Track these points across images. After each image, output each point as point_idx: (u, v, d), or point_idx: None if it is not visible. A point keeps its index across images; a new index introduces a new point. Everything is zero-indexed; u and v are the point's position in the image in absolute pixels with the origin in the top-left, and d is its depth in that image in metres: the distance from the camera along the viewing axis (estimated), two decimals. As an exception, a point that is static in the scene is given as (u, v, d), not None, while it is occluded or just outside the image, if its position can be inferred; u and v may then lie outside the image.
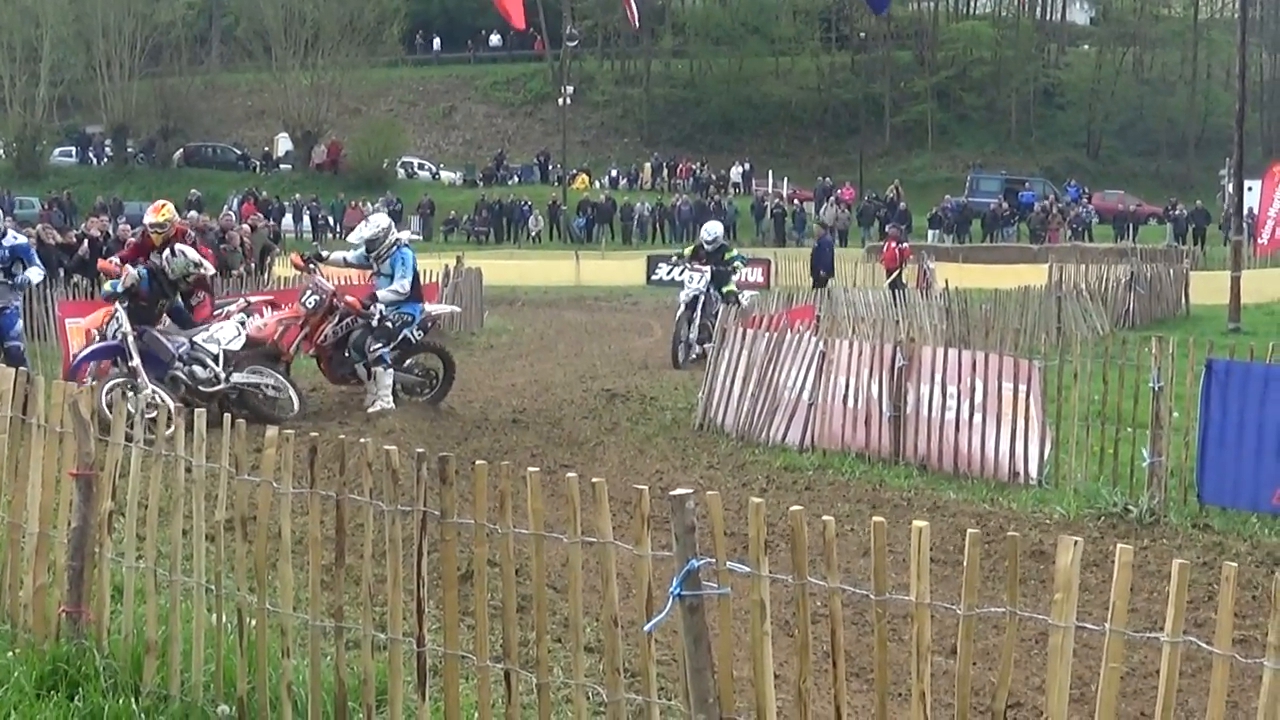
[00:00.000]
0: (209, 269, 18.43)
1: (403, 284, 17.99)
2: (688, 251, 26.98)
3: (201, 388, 16.67)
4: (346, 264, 19.29)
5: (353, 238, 19.03)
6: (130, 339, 16.36)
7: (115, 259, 17.84)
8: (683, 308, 25.23)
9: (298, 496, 6.58)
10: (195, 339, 16.97)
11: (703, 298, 24.81)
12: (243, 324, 17.45)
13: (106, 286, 17.44)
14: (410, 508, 5.99)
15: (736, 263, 26.39)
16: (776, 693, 5.13)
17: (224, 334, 17.19)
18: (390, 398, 17.74)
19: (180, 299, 17.65)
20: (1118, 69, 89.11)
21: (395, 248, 18.29)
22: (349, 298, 18.14)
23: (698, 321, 24.61)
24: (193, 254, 17.82)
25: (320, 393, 19.14)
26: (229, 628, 6.83)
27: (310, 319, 17.79)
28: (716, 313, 23.87)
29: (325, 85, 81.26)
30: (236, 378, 17.01)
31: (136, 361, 16.28)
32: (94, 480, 7.27)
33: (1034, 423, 14.20)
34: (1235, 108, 34.85)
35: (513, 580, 5.82)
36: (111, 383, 15.72)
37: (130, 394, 14.08)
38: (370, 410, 17.51)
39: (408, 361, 18.35)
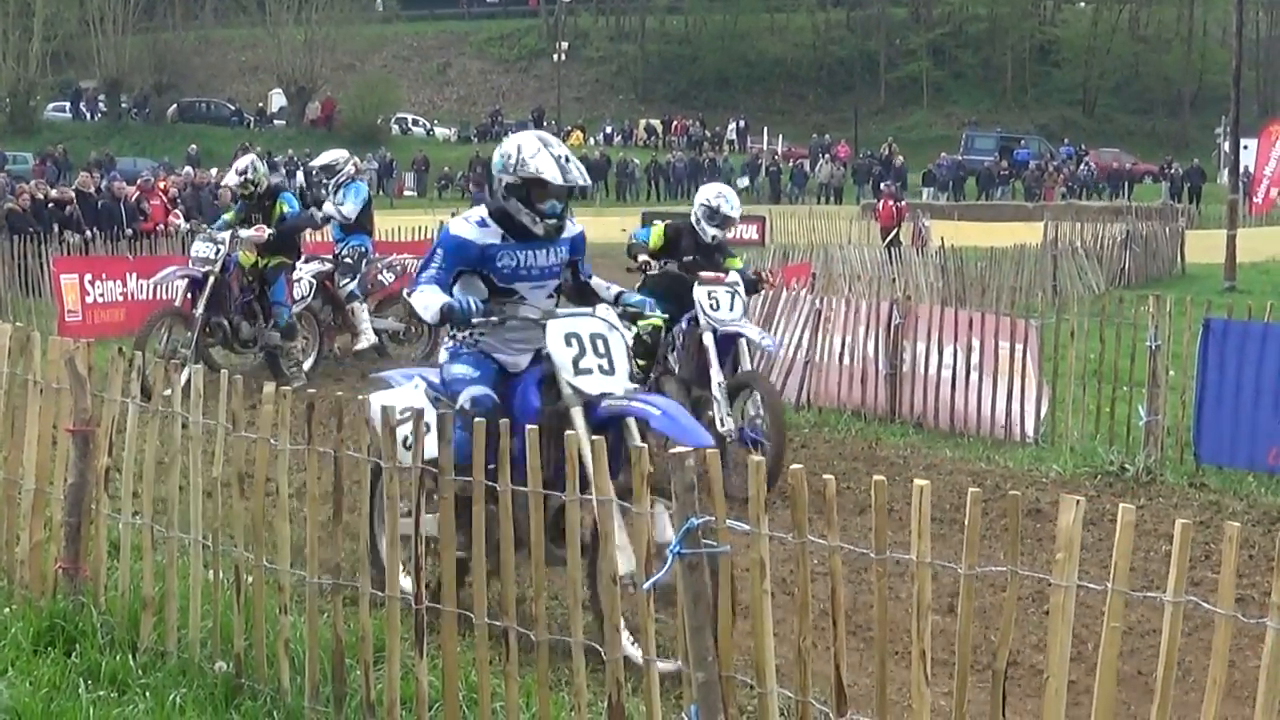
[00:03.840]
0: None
1: (347, 207, 17.91)
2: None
3: (236, 344, 16.47)
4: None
5: (314, 162, 18.78)
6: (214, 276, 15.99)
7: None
8: None
9: (295, 453, 6.56)
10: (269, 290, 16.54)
11: None
12: (314, 280, 17.27)
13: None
14: (408, 465, 5.97)
15: None
16: (776, 651, 5.12)
17: (300, 291, 17.02)
18: (372, 333, 17.63)
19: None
20: (1114, 26, 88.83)
21: (351, 179, 18.22)
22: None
23: None
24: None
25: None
26: (226, 584, 6.81)
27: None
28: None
29: (319, 41, 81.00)
30: (273, 335, 16.55)
31: (200, 309, 15.89)
32: (91, 436, 7.25)
33: (1030, 381, 14.18)
34: (1232, 65, 34.73)
35: (511, 538, 5.80)
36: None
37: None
38: (357, 349, 17.44)
39: (387, 311, 18.22)
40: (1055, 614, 4.52)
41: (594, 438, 5.51)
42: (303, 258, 17.54)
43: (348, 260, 17.73)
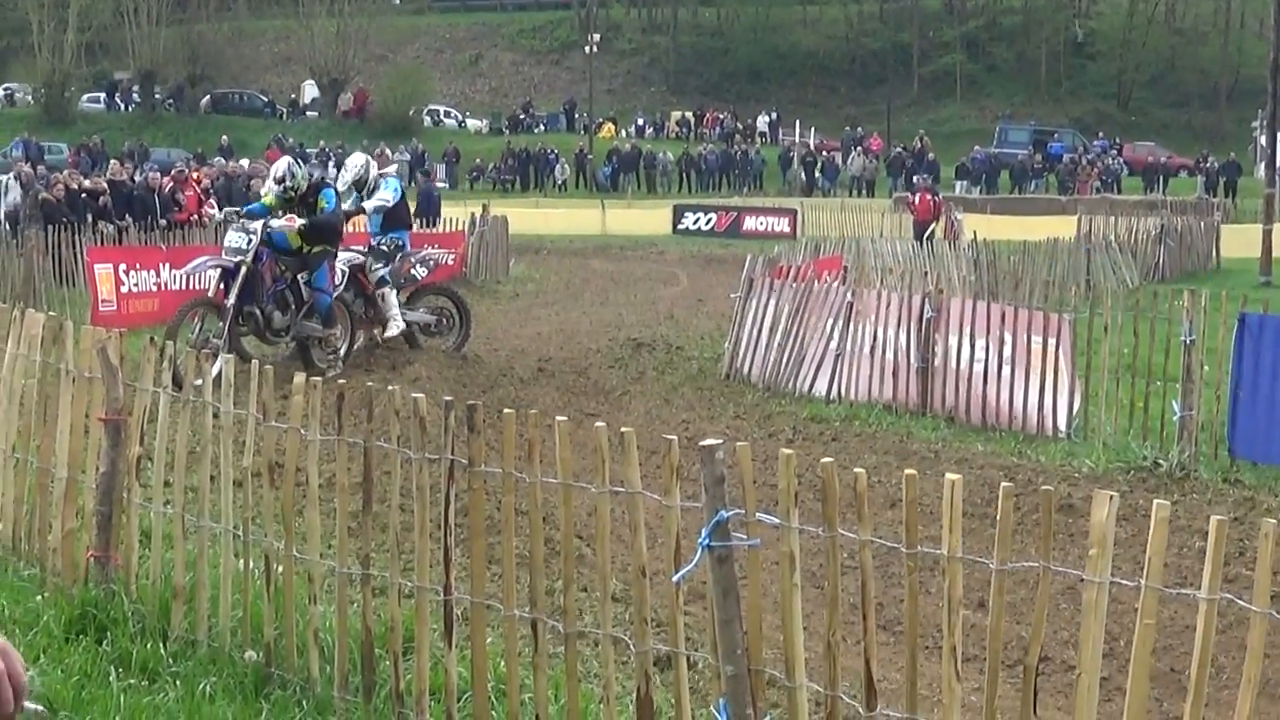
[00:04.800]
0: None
1: (385, 195, 17.95)
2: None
3: (268, 334, 16.43)
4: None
5: (340, 188, 18.41)
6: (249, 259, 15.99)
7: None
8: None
9: (325, 443, 6.57)
10: (301, 279, 16.46)
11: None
12: (347, 270, 17.20)
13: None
14: (438, 456, 5.96)
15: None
16: (805, 645, 5.10)
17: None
18: (401, 320, 17.58)
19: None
20: (1149, 18, 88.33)
21: (381, 179, 18.22)
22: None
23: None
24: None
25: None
26: (256, 574, 6.83)
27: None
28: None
29: (352, 32, 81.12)
30: (305, 325, 16.50)
31: (233, 299, 15.91)
32: (123, 425, 7.26)
33: (1063, 376, 14.14)
34: (1269, 58, 34.55)
35: (540, 529, 5.79)
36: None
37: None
38: (385, 336, 17.37)
39: (418, 303, 18.18)
40: (1088, 610, 4.49)
41: (625, 430, 5.48)
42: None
43: (383, 249, 17.72)
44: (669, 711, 5.58)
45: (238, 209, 17.68)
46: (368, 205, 17.91)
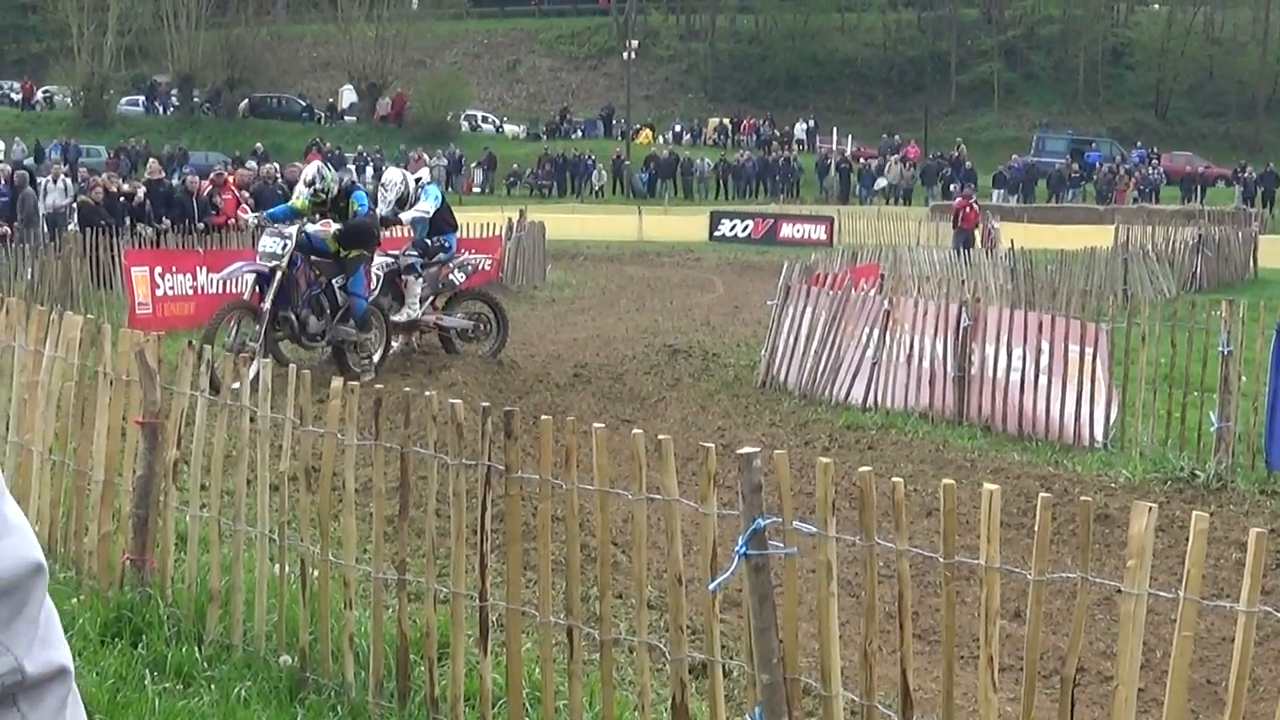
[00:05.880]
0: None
1: (425, 204, 18.02)
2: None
3: (303, 338, 16.39)
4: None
5: (384, 210, 18.27)
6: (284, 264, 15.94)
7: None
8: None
9: (362, 448, 6.57)
10: (335, 283, 16.41)
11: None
12: (381, 275, 17.20)
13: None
14: (474, 461, 5.97)
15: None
16: (841, 654, 5.09)
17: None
18: (418, 308, 17.61)
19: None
20: (1188, 28, 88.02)
21: (420, 188, 18.30)
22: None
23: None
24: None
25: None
26: (292, 578, 6.84)
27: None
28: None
29: (390, 37, 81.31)
30: (340, 329, 16.46)
31: (268, 303, 15.87)
32: (159, 429, 7.28)
33: (1100, 386, 14.08)
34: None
35: (576, 536, 5.79)
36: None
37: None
38: (396, 319, 17.33)
39: (456, 309, 18.20)
40: (1126, 621, 4.47)
41: (662, 437, 5.48)
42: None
43: (426, 242, 17.82)
44: (704, 720, 5.58)
45: (258, 215, 17.85)
46: (405, 216, 17.93)
